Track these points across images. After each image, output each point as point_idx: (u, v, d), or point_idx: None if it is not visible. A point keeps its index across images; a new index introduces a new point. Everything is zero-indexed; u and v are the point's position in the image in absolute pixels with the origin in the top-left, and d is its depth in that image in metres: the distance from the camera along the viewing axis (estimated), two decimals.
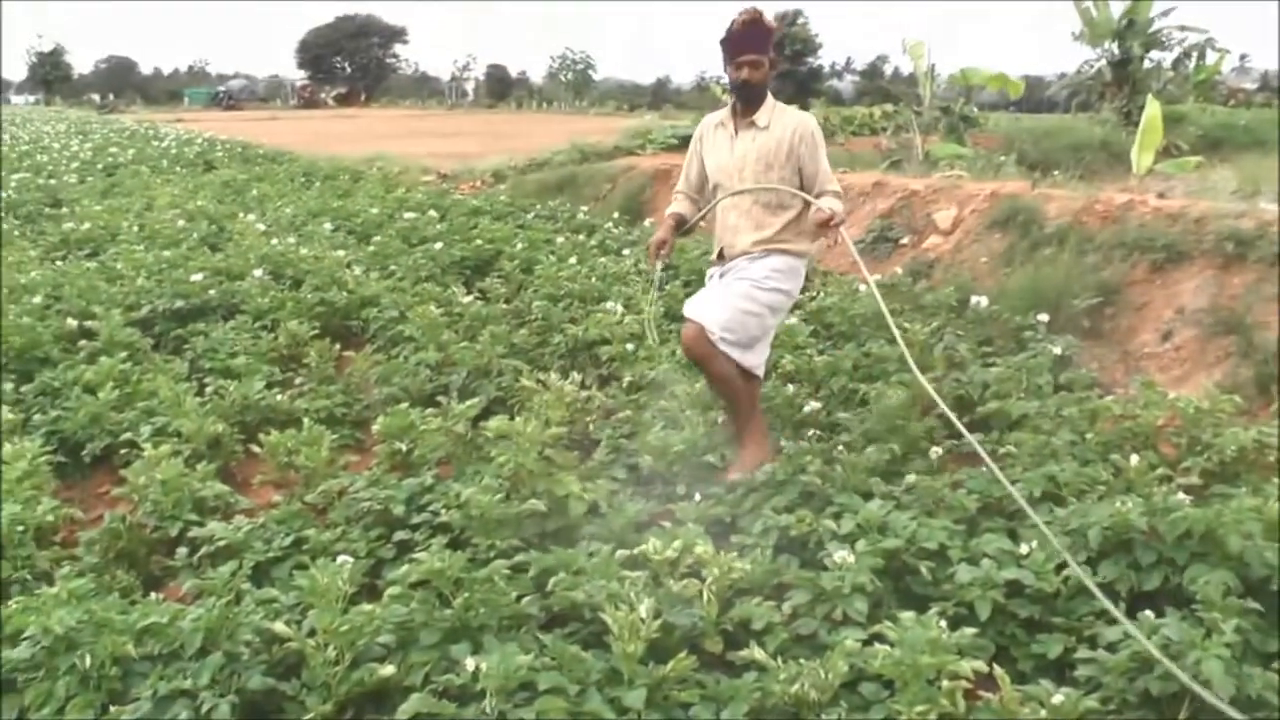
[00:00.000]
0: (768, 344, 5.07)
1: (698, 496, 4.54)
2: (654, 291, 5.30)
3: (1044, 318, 6.84)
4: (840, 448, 4.86)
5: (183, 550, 4.25)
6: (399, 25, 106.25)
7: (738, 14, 4.81)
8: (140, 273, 8.93)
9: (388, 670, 3.13)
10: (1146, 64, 21.23)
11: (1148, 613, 3.39)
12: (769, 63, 4.91)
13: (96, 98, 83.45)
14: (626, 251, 10.22)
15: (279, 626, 3.25)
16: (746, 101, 4.93)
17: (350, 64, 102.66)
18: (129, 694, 3.14)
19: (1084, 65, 22.61)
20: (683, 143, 20.15)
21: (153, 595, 3.77)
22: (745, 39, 4.84)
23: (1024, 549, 3.85)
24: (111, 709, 3.05)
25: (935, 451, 5.00)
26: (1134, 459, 4.59)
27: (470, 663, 2.97)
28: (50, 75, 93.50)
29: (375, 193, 15.21)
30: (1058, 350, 6.30)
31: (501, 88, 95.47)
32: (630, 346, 6.48)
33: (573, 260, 9.31)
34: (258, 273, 8.81)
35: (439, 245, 10.15)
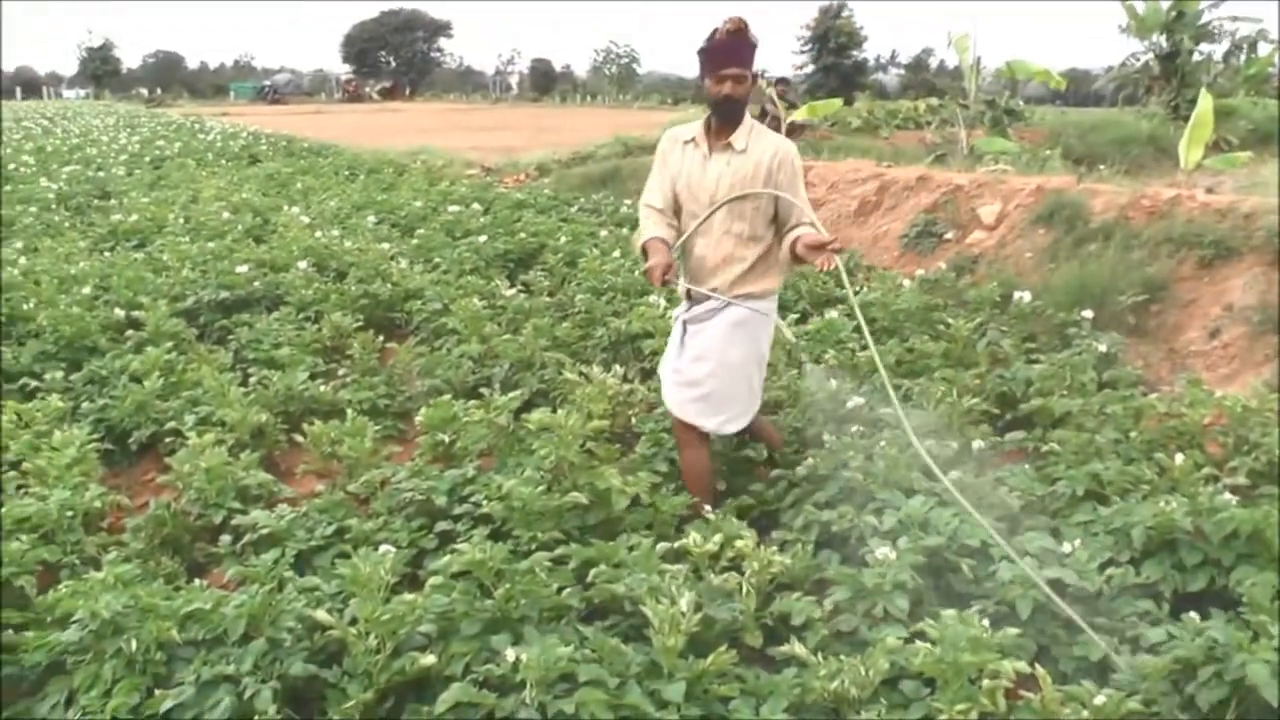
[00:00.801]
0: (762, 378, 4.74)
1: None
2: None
3: (1088, 314, 6.77)
4: (882, 443, 4.82)
5: (226, 538, 4.30)
6: (444, 19, 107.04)
7: (722, 23, 4.32)
8: (186, 264, 9.03)
9: (429, 659, 3.14)
10: (1196, 57, 20.89)
11: (1193, 614, 3.35)
12: (751, 78, 4.42)
13: (144, 92, 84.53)
14: None
15: (321, 614, 3.27)
16: (725, 119, 4.45)
17: (395, 58, 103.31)
18: (173, 678, 3.18)
19: (1130, 58, 22.30)
20: None
21: (197, 581, 3.79)
22: (729, 51, 4.34)
23: (1066, 548, 3.82)
24: (156, 693, 3.08)
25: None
26: (1179, 458, 4.53)
27: (511, 653, 2.97)
28: (100, 70, 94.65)
29: (419, 186, 15.30)
30: (1102, 347, 6.24)
31: (545, 81, 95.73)
32: None
33: (616, 254, 9.31)
34: (302, 265, 8.87)
35: (483, 238, 10.18)
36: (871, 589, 3.59)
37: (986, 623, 3.16)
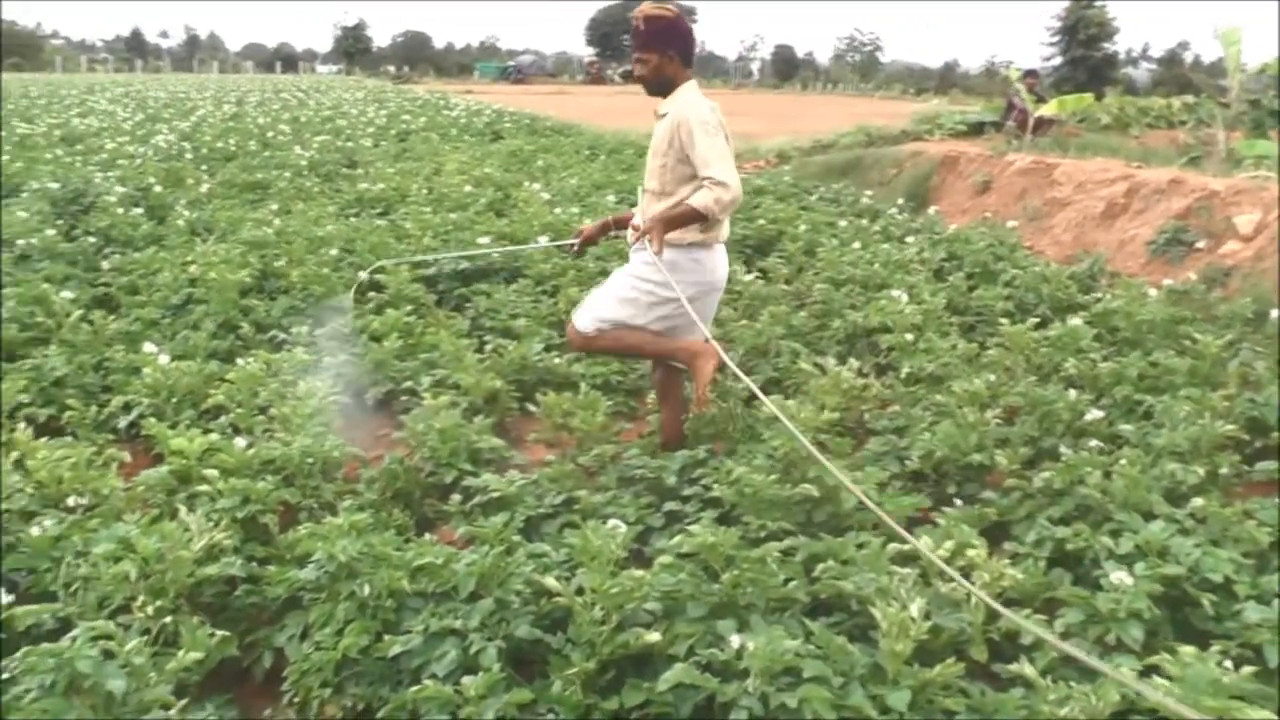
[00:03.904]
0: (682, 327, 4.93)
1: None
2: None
3: None
4: (1122, 461, 4.60)
5: (456, 497, 4.42)
6: (689, 5, 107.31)
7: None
8: (427, 233, 9.37)
9: (653, 637, 3.14)
10: None
11: None
12: (659, 59, 4.92)
13: (392, 69, 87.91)
14: (910, 239, 10.02)
15: (550, 581, 3.32)
16: (651, 94, 5.07)
17: None
18: (401, 625, 3.30)
19: None
20: (971, 129, 19.44)
21: (426, 536, 3.94)
22: (633, 38, 4.98)
23: None
24: (385, 637, 3.21)
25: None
26: None
27: (735, 640, 2.95)
28: (352, 48, 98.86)
29: None
30: None
31: (787, 68, 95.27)
32: (910, 337, 6.32)
33: (855, 245, 9.21)
34: (541, 239, 9.05)
35: None
36: (1105, 615, 3.42)
37: (1229, 664, 2.98)
